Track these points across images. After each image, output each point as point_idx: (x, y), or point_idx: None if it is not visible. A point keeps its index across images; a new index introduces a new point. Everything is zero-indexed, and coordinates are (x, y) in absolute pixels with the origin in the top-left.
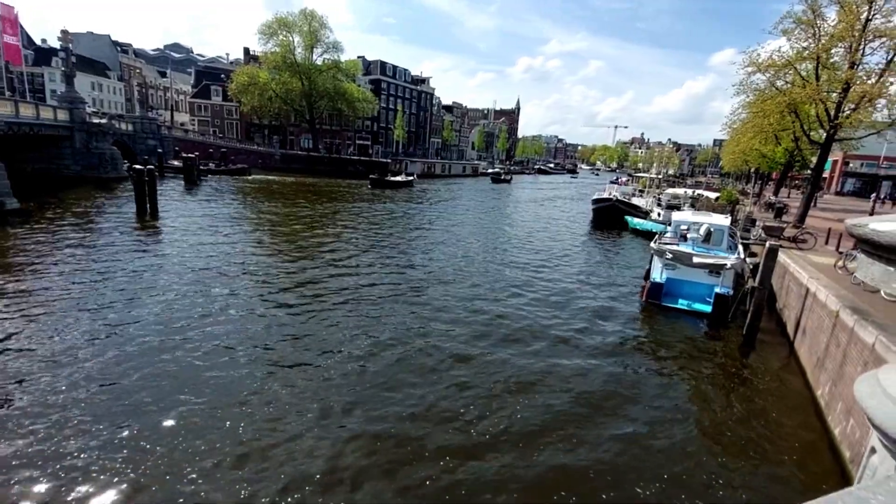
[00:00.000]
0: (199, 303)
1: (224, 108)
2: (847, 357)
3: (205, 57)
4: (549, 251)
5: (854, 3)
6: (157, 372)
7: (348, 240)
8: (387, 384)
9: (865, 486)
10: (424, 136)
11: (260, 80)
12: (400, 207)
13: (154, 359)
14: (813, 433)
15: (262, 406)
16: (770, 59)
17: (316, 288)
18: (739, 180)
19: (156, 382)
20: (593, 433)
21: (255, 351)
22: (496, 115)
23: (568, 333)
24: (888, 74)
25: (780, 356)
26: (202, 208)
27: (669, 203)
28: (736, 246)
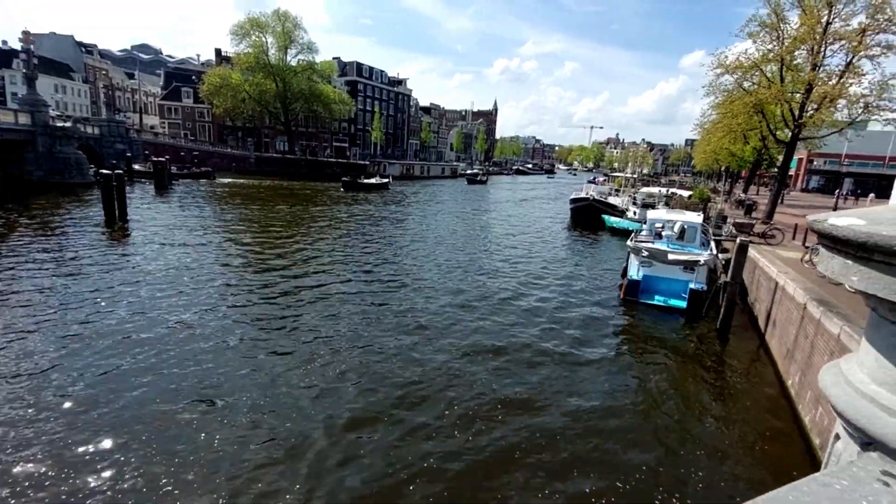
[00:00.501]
0: (171, 311)
1: (196, 110)
2: (815, 347)
3: (174, 58)
4: (529, 251)
5: (815, 7)
6: (128, 385)
7: (321, 245)
8: (366, 385)
9: (830, 472)
10: (403, 137)
11: (232, 81)
12: (375, 211)
13: (125, 371)
14: (784, 422)
15: (239, 416)
16: (737, 61)
17: (290, 294)
18: (711, 179)
19: (127, 396)
20: (574, 426)
21: (230, 359)
22: (474, 116)
23: (548, 332)
24: (847, 76)
25: (753, 348)
26: (174, 214)
27: (644, 202)
28: (708, 242)
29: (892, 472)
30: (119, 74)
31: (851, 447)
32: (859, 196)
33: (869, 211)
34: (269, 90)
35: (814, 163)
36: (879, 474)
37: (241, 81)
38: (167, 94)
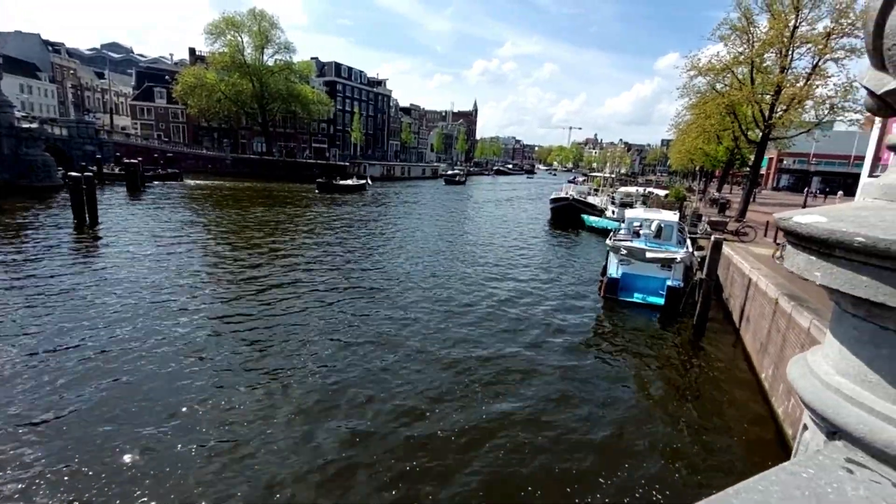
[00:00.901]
0: (142, 318)
1: (169, 110)
2: (787, 341)
3: (146, 57)
4: (510, 251)
5: (783, 11)
6: (100, 397)
7: (296, 250)
8: (347, 389)
9: (797, 461)
10: (383, 138)
11: (207, 81)
12: (353, 213)
13: (96, 383)
14: (759, 413)
15: (215, 429)
16: (709, 64)
17: (263, 301)
18: (686, 178)
19: (100, 410)
20: (555, 420)
21: (204, 369)
22: (454, 116)
23: (530, 329)
24: (814, 78)
25: (728, 343)
26: (147, 217)
27: (623, 201)
28: (685, 240)
29: (856, 460)
30: (88, 74)
31: (818, 436)
32: (828, 194)
33: (831, 209)
34: (246, 90)
35: (784, 162)
36: (844, 462)
37: (217, 81)
38: (139, 95)
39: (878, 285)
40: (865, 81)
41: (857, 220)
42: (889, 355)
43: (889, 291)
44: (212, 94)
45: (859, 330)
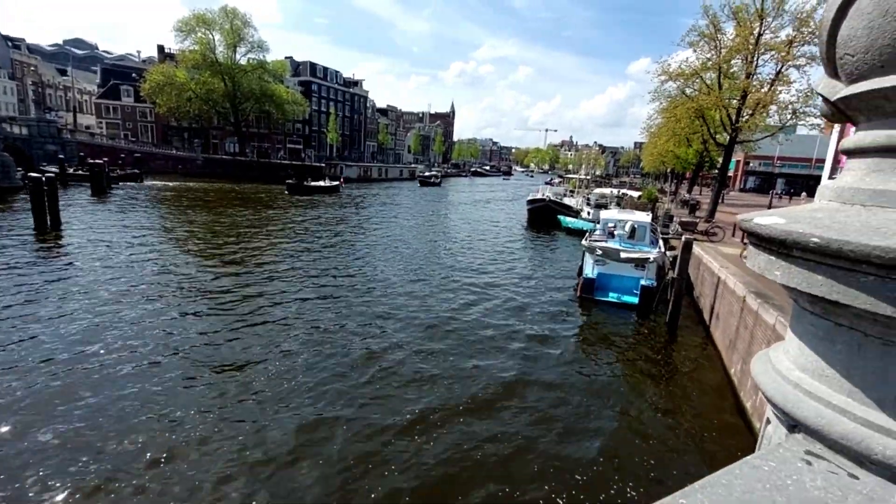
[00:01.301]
0: (107, 326)
1: (137, 109)
2: (754, 337)
3: (112, 54)
4: (488, 252)
5: (748, 19)
6: (63, 412)
7: (267, 254)
8: (319, 392)
9: (760, 455)
10: (359, 139)
11: (177, 79)
12: (326, 215)
13: (53, 395)
14: (728, 408)
15: (186, 446)
16: (679, 69)
17: (231, 308)
18: (658, 180)
19: (63, 425)
20: (531, 417)
21: (174, 378)
22: (431, 118)
23: (508, 331)
24: (777, 84)
25: (699, 339)
26: (112, 220)
27: (598, 202)
28: (657, 241)
29: (814, 452)
30: (50, 71)
31: (780, 430)
32: (792, 195)
33: (790, 210)
34: (217, 89)
35: (750, 164)
36: (803, 454)
37: (187, 80)
38: (105, 93)
39: (832, 283)
40: (820, 88)
41: (812, 222)
42: (843, 350)
43: (841, 289)
44: (182, 92)
45: (816, 326)
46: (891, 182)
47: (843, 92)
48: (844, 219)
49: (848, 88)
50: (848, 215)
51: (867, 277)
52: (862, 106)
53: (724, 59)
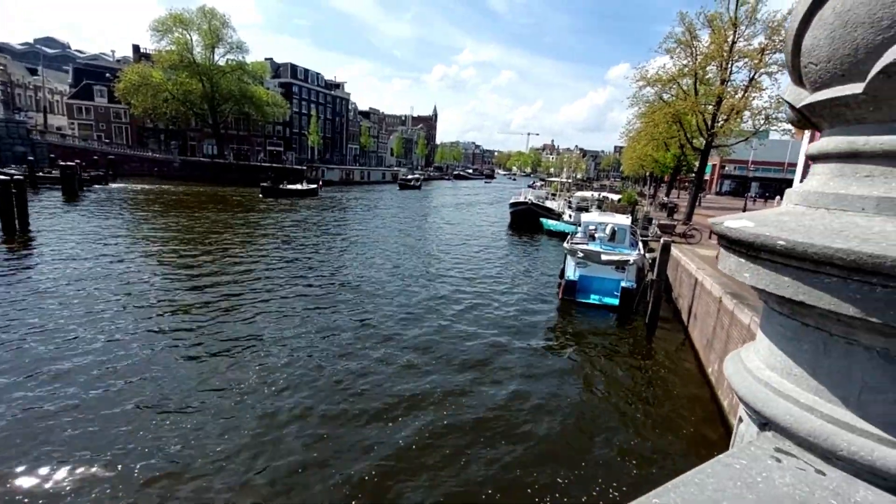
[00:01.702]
0: (79, 337)
1: (111, 110)
2: (730, 337)
3: (85, 53)
4: (471, 255)
5: (722, 27)
6: (28, 426)
7: (243, 261)
8: (300, 400)
9: (731, 453)
10: (341, 142)
11: (153, 79)
12: (303, 218)
13: (26, 408)
14: (707, 407)
15: (159, 461)
16: (657, 75)
17: (201, 313)
18: (637, 183)
19: (29, 439)
20: (511, 416)
21: (146, 388)
22: (414, 121)
23: (490, 333)
24: (750, 90)
25: (678, 340)
26: (85, 224)
27: (579, 205)
28: (637, 243)
29: (783, 449)
30: (19, 70)
31: (752, 428)
32: (767, 198)
33: (758, 214)
34: (195, 90)
35: (726, 168)
36: (773, 451)
37: (163, 80)
38: (77, 93)
39: (798, 285)
40: (786, 95)
41: (779, 225)
42: (810, 350)
43: (807, 290)
44: (158, 93)
45: (784, 326)
46: (852, 186)
47: (807, 99)
48: (809, 222)
49: (812, 96)
50: (813, 219)
51: (830, 279)
52: (825, 113)
53: (700, 65)
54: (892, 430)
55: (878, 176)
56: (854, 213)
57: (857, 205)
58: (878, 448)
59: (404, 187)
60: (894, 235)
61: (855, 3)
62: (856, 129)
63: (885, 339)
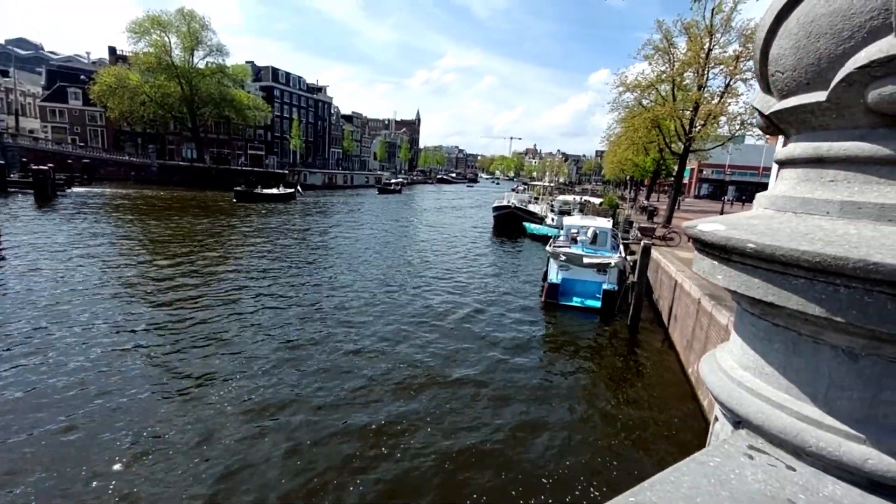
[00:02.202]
0: (52, 348)
1: (86, 113)
2: (709, 337)
3: (59, 55)
4: (455, 259)
5: (698, 35)
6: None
7: (221, 268)
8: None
9: (706, 451)
10: (324, 146)
11: (130, 82)
12: (280, 224)
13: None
14: (687, 406)
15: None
16: (636, 81)
17: (174, 322)
18: (618, 187)
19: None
20: (495, 420)
21: (121, 402)
22: (397, 125)
23: (474, 336)
24: (726, 96)
25: (659, 340)
26: (57, 230)
27: (561, 209)
28: (618, 246)
29: (756, 446)
30: None
31: (727, 427)
32: (745, 201)
33: (730, 217)
34: (174, 93)
35: (704, 172)
36: (746, 449)
37: (141, 83)
38: (50, 95)
39: (767, 286)
40: (756, 103)
41: (749, 228)
42: (780, 349)
43: (776, 291)
44: (135, 96)
45: (756, 327)
46: (817, 191)
47: (775, 106)
48: (777, 225)
49: (779, 103)
50: (781, 222)
51: (798, 280)
52: (791, 120)
53: (678, 71)
54: (858, 425)
55: (842, 181)
56: (819, 217)
57: (822, 208)
58: (844, 443)
59: (384, 191)
60: (856, 238)
61: (818, 15)
62: (820, 135)
63: (849, 338)
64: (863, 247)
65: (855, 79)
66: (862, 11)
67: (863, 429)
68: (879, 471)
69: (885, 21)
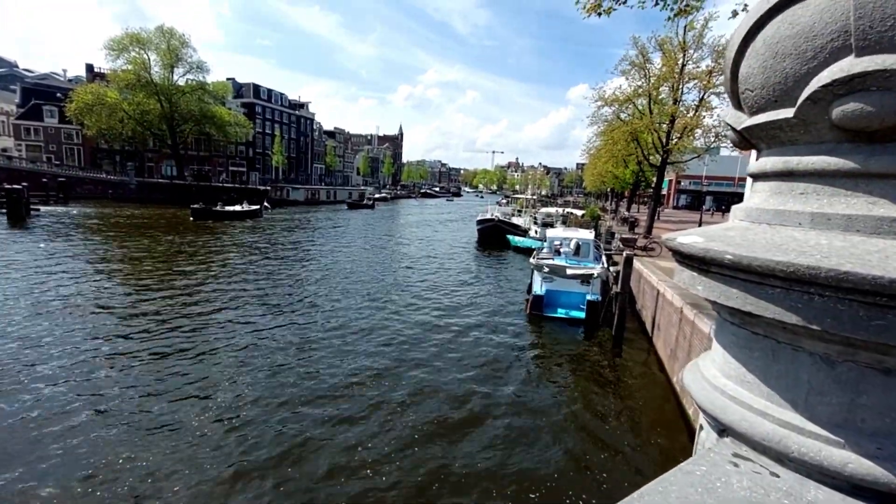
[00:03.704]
0: (27, 375)
1: (62, 131)
2: (692, 346)
3: (34, 73)
4: (439, 272)
5: (672, 51)
6: None
7: (207, 290)
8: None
9: (692, 460)
10: (306, 161)
11: (108, 99)
12: (233, 243)
13: None
14: (672, 415)
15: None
16: (614, 95)
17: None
18: (599, 199)
19: None
20: (482, 434)
21: (98, 421)
22: (380, 140)
23: (459, 349)
24: (701, 110)
25: (643, 350)
26: (32, 252)
27: (544, 221)
28: (600, 257)
29: (741, 454)
30: None
31: (712, 435)
32: (724, 211)
33: (708, 229)
34: (153, 111)
35: (681, 183)
36: (731, 457)
37: (119, 100)
38: (25, 113)
39: (745, 296)
40: (728, 119)
41: (725, 240)
42: (760, 357)
43: (754, 301)
44: (113, 113)
45: (737, 335)
46: (789, 203)
47: (746, 122)
48: (753, 237)
49: (750, 119)
50: (756, 233)
51: (774, 290)
52: (762, 135)
53: (654, 86)
54: (837, 430)
55: (811, 193)
56: (792, 228)
57: (794, 220)
58: (825, 448)
59: (355, 207)
60: (826, 248)
61: (783, 37)
62: (790, 149)
63: (825, 345)
64: (833, 256)
65: (819, 96)
66: (823, 33)
67: (842, 433)
68: (859, 474)
69: (845, 42)
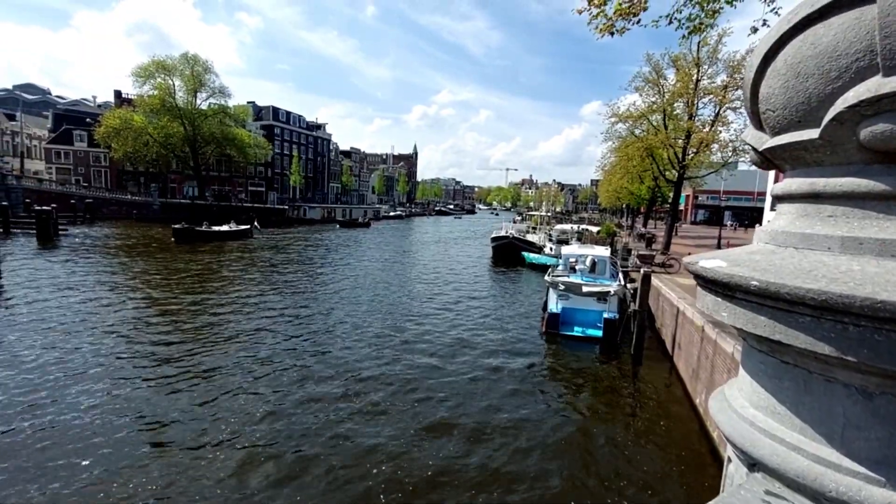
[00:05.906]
0: (49, 387)
1: (90, 154)
2: (715, 366)
3: (66, 99)
4: (454, 289)
5: (686, 66)
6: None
7: (230, 310)
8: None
9: (722, 498)
10: (323, 181)
11: (135, 123)
12: (221, 267)
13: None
14: (695, 439)
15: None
16: (628, 111)
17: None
18: (615, 215)
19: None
20: (499, 453)
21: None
22: (395, 159)
23: (475, 368)
24: (717, 124)
25: (664, 370)
26: (60, 270)
27: (559, 238)
28: (617, 274)
29: (773, 491)
30: None
31: (741, 469)
32: (748, 226)
33: (731, 252)
34: (177, 133)
35: (699, 198)
36: (763, 494)
37: (145, 124)
38: (56, 138)
39: (774, 324)
40: (748, 139)
41: (751, 265)
42: (791, 387)
43: (783, 329)
44: (139, 137)
45: (765, 364)
46: (817, 226)
47: (768, 143)
48: (780, 262)
49: (772, 140)
50: (783, 258)
51: (804, 318)
52: (786, 156)
53: (668, 102)
54: (878, 468)
55: (840, 216)
56: (821, 253)
57: (823, 244)
58: (865, 487)
59: (347, 226)
60: (860, 275)
61: (804, 57)
62: (815, 171)
63: (861, 377)
64: (867, 284)
65: (846, 117)
66: (848, 53)
67: (883, 471)
68: None
69: (871, 62)
